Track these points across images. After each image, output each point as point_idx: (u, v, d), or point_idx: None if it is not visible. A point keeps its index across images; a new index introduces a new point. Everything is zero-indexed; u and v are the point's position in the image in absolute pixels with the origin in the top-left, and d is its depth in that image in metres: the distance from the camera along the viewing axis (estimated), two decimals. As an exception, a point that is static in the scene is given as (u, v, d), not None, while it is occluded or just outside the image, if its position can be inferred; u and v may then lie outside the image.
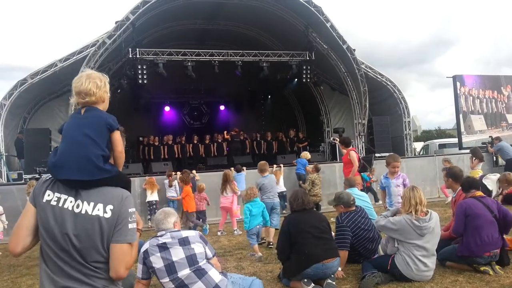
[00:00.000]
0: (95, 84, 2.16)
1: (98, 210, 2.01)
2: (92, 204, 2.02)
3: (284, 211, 10.31)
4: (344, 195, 5.49)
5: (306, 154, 11.82)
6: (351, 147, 9.25)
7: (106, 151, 2.12)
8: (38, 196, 2.05)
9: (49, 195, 2.04)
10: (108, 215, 2.02)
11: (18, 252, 2.05)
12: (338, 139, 10.83)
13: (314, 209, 5.05)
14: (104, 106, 2.22)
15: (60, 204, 2.01)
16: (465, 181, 5.11)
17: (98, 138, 2.09)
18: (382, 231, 4.94)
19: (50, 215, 2.00)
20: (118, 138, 2.21)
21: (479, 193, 4.95)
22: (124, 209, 2.07)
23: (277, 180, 10.45)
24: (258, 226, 6.43)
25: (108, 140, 2.16)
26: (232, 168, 10.62)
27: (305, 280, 4.38)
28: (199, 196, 9.31)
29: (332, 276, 4.48)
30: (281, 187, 10.60)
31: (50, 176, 2.12)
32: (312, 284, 4.34)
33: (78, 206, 2.01)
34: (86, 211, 2.01)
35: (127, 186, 2.21)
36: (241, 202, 9.12)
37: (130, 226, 2.07)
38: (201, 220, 9.31)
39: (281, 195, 10.65)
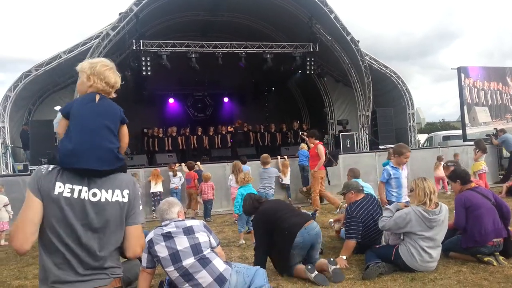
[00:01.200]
0: (119, 79, 2.26)
1: (117, 196, 2.07)
2: (110, 191, 2.06)
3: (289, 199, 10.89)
4: (352, 183, 5.57)
5: (304, 146, 11.85)
6: (319, 141, 9.36)
7: (119, 143, 2.19)
8: (47, 189, 1.98)
9: (60, 187, 1.99)
10: (125, 199, 2.10)
11: (27, 249, 1.99)
12: (305, 134, 10.85)
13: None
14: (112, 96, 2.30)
15: (76, 195, 1.99)
16: (462, 174, 5.09)
17: (115, 129, 2.15)
18: (389, 232, 4.82)
19: (66, 207, 1.97)
20: (126, 131, 2.29)
21: (473, 184, 5.01)
22: (137, 193, 2.17)
23: (285, 173, 10.59)
24: None
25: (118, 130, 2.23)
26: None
27: (309, 267, 4.39)
28: (207, 185, 9.38)
29: (320, 242, 4.79)
30: (287, 180, 10.72)
31: (51, 166, 2.06)
32: (316, 272, 4.36)
33: (95, 195, 2.02)
34: (106, 198, 2.04)
35: (126, 170, 2.30)
36: None
37: (140, 207, 2.20)
38: (208, 209, 9.39)
39: (285, 187, 10.76)
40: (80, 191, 2.00)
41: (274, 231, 4.63)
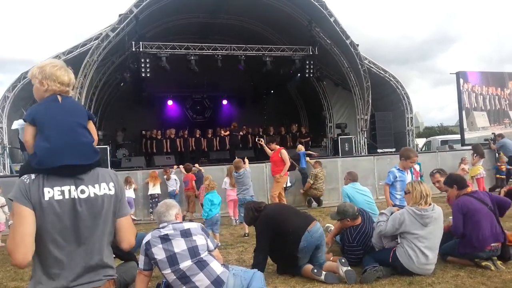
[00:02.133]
0: (73, 76, 2.27)
1: (104, 189, 2.08)
2: (97, 185, 2.06)
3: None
4: (348, 208, 5.22)
5: (300, 147, 11.92)
6: (280, 146, 9.25)
7: (93, 138, 2.21)
8: (37, 197, 1.93)
9: (49, 192, 1.95)
10: (112, 192, 2.11)
11: (30, 260, 1.93)
12: (262, 140, 10.86)
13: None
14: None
15: (67, 196, 1.98)
16: (458, 180, 5.10)
17: (86, 126, 2.17)
18: (385, 235, 4.80)
19: (60, 210, 1.95)
20: (93, 128, 2.29)
21: (470, 188, 5.03)
22: (121, 184, 2.20)
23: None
24: (217, 215, 6.81)
25: None
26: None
27: (315, 270, 4.42)
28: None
29: (324, 243, 4.82)
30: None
31: (33, 175, 1.99)
32: (324, 273, 4.38)
33: (83, 191, 2.02)
34: (94, 193, 2.04)
35: (101, 165, 2.31)
36: None
37: (125, 198, 2.25)
38: None
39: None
40: (69, 190, 1.99)
41: (278, 235, 4.63)
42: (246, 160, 8.74)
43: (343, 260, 4.50)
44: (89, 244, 2.01)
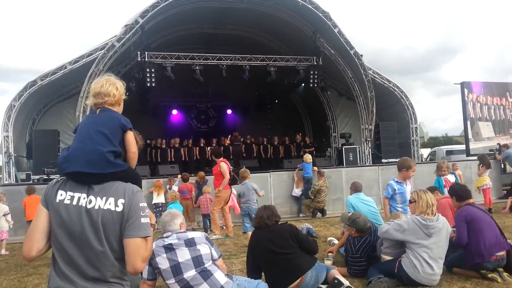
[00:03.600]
0: (115, 87, 2.22)
1: (110, 204, 2.01)
2: (104, 198, 2.01)
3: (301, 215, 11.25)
4: (360, 221, 5.11)
5: (307, 157, 11.82)
6: (221, 159, 8.79)
7: (118, 148, 2.12)
8: (51, 198, 2.03)
9: (61, 194, 2.02)
10: (119, 208, 2.01)
11: (33, 256, 2.01)
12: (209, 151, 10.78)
13: (278, 223, 4.54)
14: (119, 110, 2.27)
15: (74, 202, 2.00)
16: (458, 191, 5.06)
17: (111, 135, 2.11)
18: (388, 238, 4.81)
19: (64, 214, 1.98)
20: (131, 139, 2.23)
21: (472, 200, 5.00)
22: (135, 203, 2.05)
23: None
24: None
25: (121, 140, 2.18)
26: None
27: None
28: (205, 198, 9.40)
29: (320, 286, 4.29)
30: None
31: (60, 177, 2.11)
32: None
33: (90, 202, 2.00)
34: (99, 206, 2.00)
35: (137, 181, 2.19)
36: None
37: (142, 220, 2.05)
38: (205, 223, 9.38)
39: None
40: (79, 198, 2.01)
41: (261, 266, 4.43)
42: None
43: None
44: (90, 255, 1.98)
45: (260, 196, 8.48)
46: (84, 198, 2.01)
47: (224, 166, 8.39)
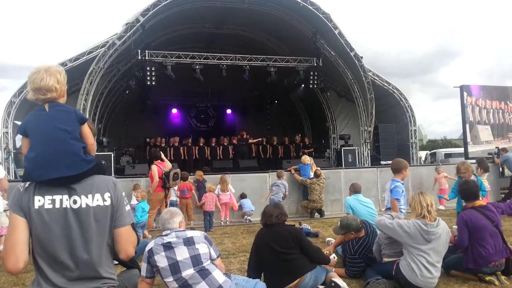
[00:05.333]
0: (56, 79, 2.07)
1: (98, 200, 2.00)
2: (90, 196, 1.99)
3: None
4: (351, 221, 5.14)
5: (306, 158, 11.80)
6: (157, 161, 8.59)
7: (84, 143, 2.09)
8: (27, 205, 1.94)
9: (39, 200, 1.94)
10: (108, 202, 2.03)
11: (21, 268, 1.94)
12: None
13: (284, 223, 4.54)
14: (64, 100, 2.16)
15: (57, 205, 1.95)
16: (462, 190, 5.04)
17: (74, 131, 2.05)
18: (386, 232, 4.73)
19: (48, 219, 1.92)
20: (88, 131, 2.17)
21: (479, 202, 4.88)
22: (119, 194, 2.09)
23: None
24: (145, 220, 7.75)
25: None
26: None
27: None
28: (211, 196, 9.57)
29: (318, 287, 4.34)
30: None
31: (27, 183, 2.01)
32: None
33: (75, 202, 1.97)
34: (86, 204, 1.98)
35: (105, 171, 2.22)
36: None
37: (127, 208, 2.11)
38: (207, 220, 9.40)
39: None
40: (61, 200, 1.96)
41: (262, 266, 4.45)
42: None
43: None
44: (79, 256, 1.96)
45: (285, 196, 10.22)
46: (66, 200, 1.97)
47: (154, 169, 8.26)
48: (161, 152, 9.10)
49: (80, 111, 2.23)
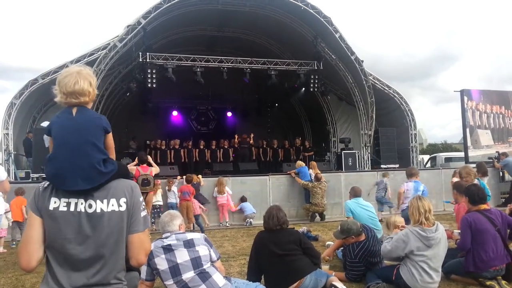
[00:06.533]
0: (89, 83, 2.04)
1: (113, 205, 1.99)
2: (105, 201, 1.98)
3: None
4: (351, 226, 5.14)
5: (298, 162, 11.91)
6: (139, 165, 8.85)
7: (107, 154, 2.06)
8: (43, 205, 1.95)
9: (55, 202, 1.94)
10: (123, 208, 2.00)
11: (34, 266, 1.94)
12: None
13: (287, 227, 4.55)
14: (91, 105, 2.15)
15: (72, 209, 1.94)
16: (474, 194, 4.99)
17: (98, 141, 2.02)
18: (389, 257, 4.75)
19: (62, 222, 1.92)
20: (111, 142, 2.16)
21: (484, 206, 4.86)
22: (136, 199, 2.06)
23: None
24: None
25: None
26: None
27: None
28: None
29: None
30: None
31: (47, 182, 2.01)
32: None
33: (90, 206, 1.96)
34: (101, 209, 1.96)
35: (128, 174, 2.19)
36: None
37: (142, 214, 2.08)
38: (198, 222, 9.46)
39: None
40: (76, 204, 1.95)
41: (262, 269, 4.44)
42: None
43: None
44: (90, 261, 1.94)
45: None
46: (82, 204, 1.95)
47: (132, 168, 8.55)
48: (149, 156, 9.42)
49: (106, 119, 2.16)
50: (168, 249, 3.59)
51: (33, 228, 1.94)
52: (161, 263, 3.56)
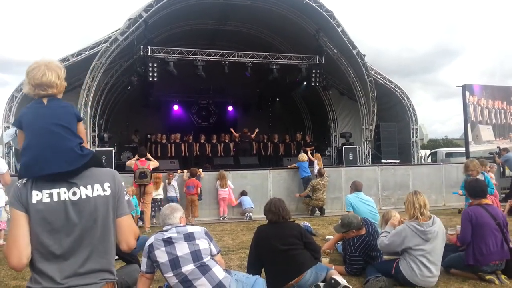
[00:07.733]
0: (56, 75, 2.08)
1: (97, 190, 1.98)
2: (89, 187, 1.97)
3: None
4: (352, 219, 5.15)
5: (303, 156, 11.81)
6: (142, 158, 9.35)
7: (81, 139, 2.07)
8: (26, 200, 1.92)
9: (37, 194, 1.92)
10: (108, 192, 2.01)
11: (25, 263, 1.90)
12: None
13: (290, 220, 4.56)
14: (61, 96, 2.16)
15: (55, 199, 1.92)
16: (471, 188, 5.05)
17: (72, 127, 2.04)
18: (387, 251, 4.79)
19: (47, 213, 1.90)
20: (83, 129, 2.17)
21: (486, 200, 4.89)
22: (119, 183, 2.07)
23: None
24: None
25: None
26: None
27: None
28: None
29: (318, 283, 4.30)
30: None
31: (25, 180, 1.98)
32: None
33: (75, 194, 1.95)
34: (86, 195, 1.95)
35: (102, 163, 2.24)
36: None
37: (126, 197, 2.11)
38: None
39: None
40: (59, 193, 1.93)
41: (263, 262, 4.43)
42: None
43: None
44: (84, 247, 1.93)
45: None
46: (65, 192, 1.94)
47: (131, 162, 9.46)
48: (147, 152, 10.03)
49: (75, 108, 2.16)
50: (168, 241, 3.60)
51: (19, 224, 1.90)
52: (161, 256, 3.57)
